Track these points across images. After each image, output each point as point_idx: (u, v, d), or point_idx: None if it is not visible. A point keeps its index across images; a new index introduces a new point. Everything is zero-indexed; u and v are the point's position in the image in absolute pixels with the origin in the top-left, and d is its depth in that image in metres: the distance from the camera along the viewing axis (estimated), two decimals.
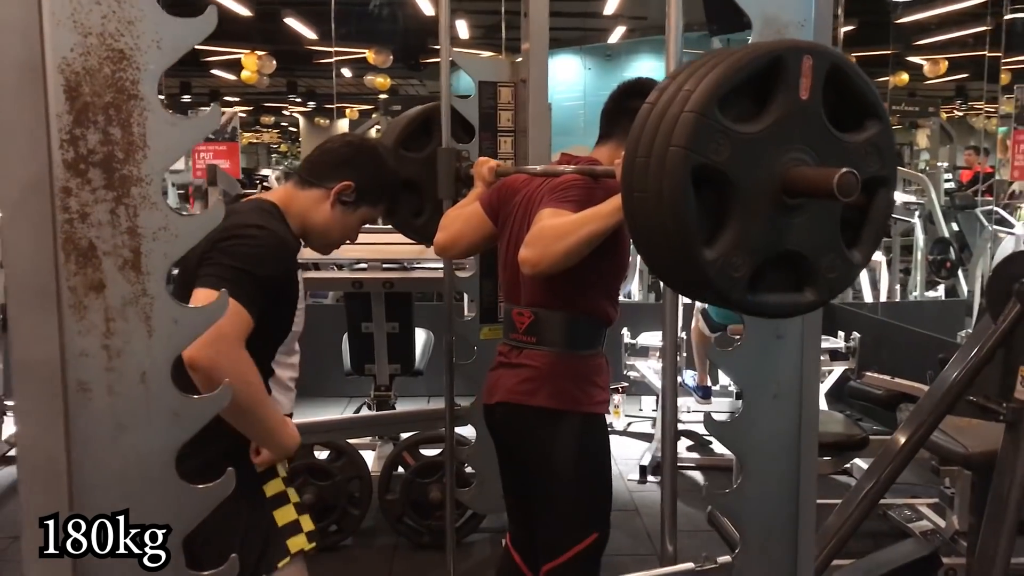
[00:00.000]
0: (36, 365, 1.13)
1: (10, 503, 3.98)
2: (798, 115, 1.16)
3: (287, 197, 1.88)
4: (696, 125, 1.11)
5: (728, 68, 1.13)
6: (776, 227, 1.18)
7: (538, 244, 1.78)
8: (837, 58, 1.19)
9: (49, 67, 1.09)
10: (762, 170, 1.15)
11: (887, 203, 1.26)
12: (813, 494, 1.57)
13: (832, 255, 1.23)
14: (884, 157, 1.23)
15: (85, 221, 1.12)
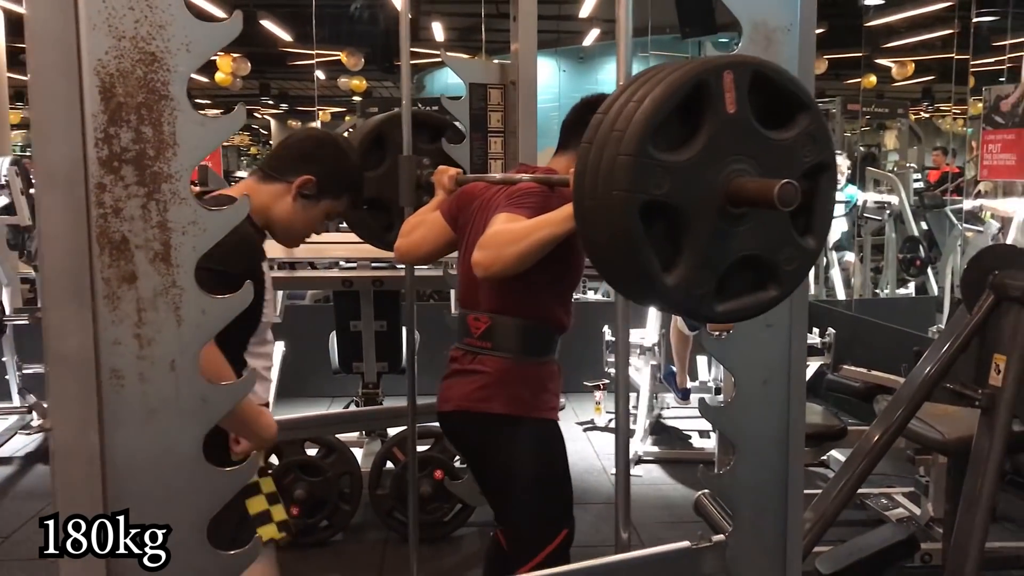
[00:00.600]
0: (71, 354, 1.18)
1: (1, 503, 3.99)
2: (729, 129, 1.20)
3: (249, 191, 1.91)
4: (633, 167, 1.15)
5: (654, 104, 1.16)
6: (729, 237, 1.22)
7: (491, 247, 1.81)
8: (756, 65, 1.23)
9: (85, 69, 1.14)
10: (705, 190, 1.19)
11: (831, 187, 1.31)
12: (801, 474, 1.64)
13: (788, 248, 1.27)
14: (820, 143, 1.27)
15: (118, 216, 1.17)
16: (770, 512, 1.62)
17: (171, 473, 1.22)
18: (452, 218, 2.19)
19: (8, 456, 4.57)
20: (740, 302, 1.27)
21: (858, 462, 2.43)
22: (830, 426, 3.19)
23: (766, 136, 1.23)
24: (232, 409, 1.68)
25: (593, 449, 4.90)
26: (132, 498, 1.21)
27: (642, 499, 4.13)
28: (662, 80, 1.19)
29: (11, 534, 3.58)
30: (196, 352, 1.21)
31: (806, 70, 1.53)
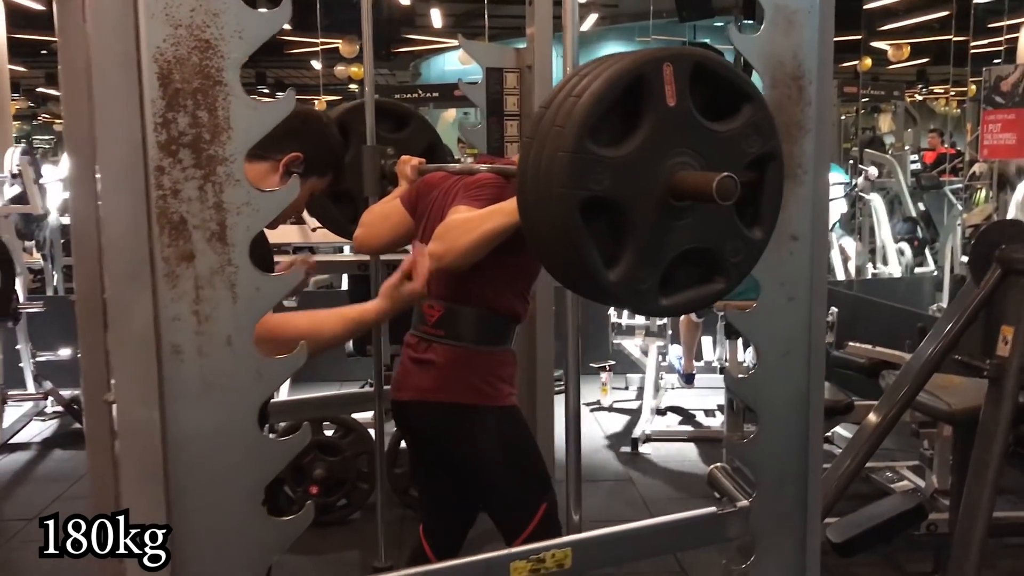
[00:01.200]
0: (133, 330, 1.23)
1: (19, 488, 4.05)
2: (670, 122, 1.21)
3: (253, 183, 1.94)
4: (572, 164, 1.15)
5: (592, 99, 1.17)
6: (673, 231, 1.24)
7: (445, 238, 1.82)
8: (698, 57, 1.24)
9: (144, 57, 1.19)
10: (647, 184, 1.20)
11: (778, 177, 1.32)
12: (820, 443, 1.70)
13: (733, 240, 1.29)
14: (765, 134, 1.28)
15: (177, 197, 1.22)
16: (791, 478, 1.68)
17: (227, 444, 1.27)
18: (411, 207, 2.19)
19: (26, 442, 4.63)
20: (685, 296, 1.29)
21: (867, 435, 2.50)
22: (836, 401, 3.25)
23: (708, 128, 1.24)
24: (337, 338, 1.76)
25: (601, 429, 4.97)
26: (190, 469, 1.26)
27: (651, 476, 4.20)
28: (600, 75, 1.19)
29: (32, 517, 3.64)
30: (251, 328, 1.26)
31: (825, 52, 1.58)
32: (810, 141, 1.60)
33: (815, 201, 1.62)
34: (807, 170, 1.60)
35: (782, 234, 1.60)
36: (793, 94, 1.59)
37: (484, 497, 2.18)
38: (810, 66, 1.58)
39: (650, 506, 3.79)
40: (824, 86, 1.62)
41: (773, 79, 1.56)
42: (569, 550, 1.53)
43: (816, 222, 1.64)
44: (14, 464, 4.32)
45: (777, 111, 1.56)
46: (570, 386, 1.93)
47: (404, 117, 2.79)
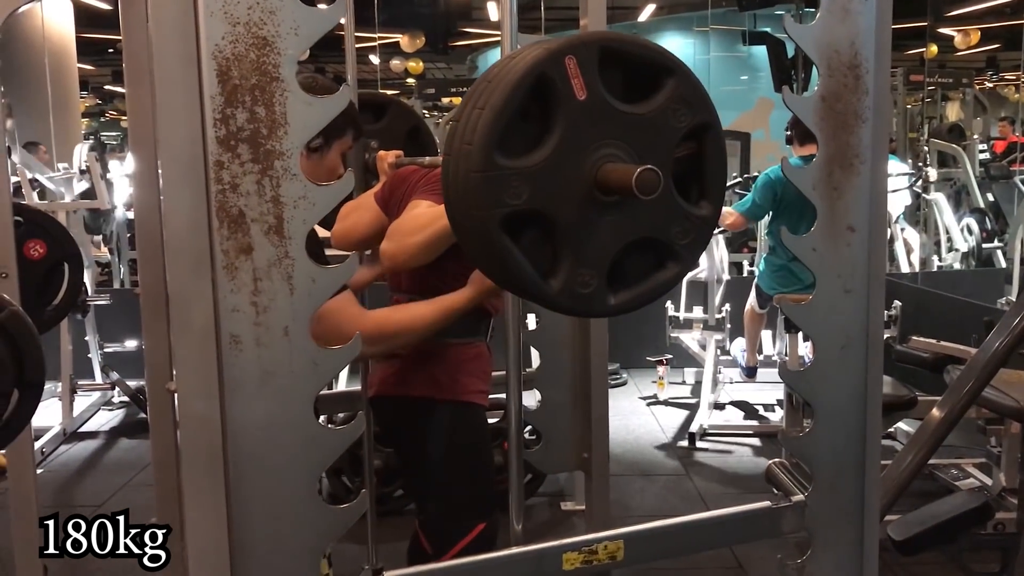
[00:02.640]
0: (194, 321, 1.26)
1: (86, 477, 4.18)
2: (584, 116, 1.14)
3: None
4: (485, 184, 1.11)
5: (493, 112, 1.11)
6: (610, 227, 1.18)
7: (395, 236, 1.79)
8: (603, 41, 1.17)
9: (203, 55, 1.22)
10: (570, 187, 1.14)
11: (717, 146, 1.25)
12: (878, 438, 1.68)
13: (678, 222, 1.23)
14: (693, 104, 1.21)
15: (235, 191, 1.25)
16: (848, 474, 1.66)
17: (284, 433, 1.30)
18: (384, 202, 2.15)
19: (93, 431, 4.77)
20: (635, 290, 1.24)
21: (930, 431, 2.44)
22: (899, 396, 3.19)
23: (629, 112, 1.18)
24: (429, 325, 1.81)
25: (658, 423, 4.95)
26: (249, 457, 1.29)
27: (708, 471, 4.17)
28: (500, 82, 1.13)
29: (102, 504, 3.75)
30: (307, 319, 1.29)
31: (883, 40, 1.56)
32: (867, 131, 1.57)
33: (873, 192, 1.60)
34: (864, 160, 1.58)
35: (838, 225, 1.58)
36: (850, 83, 1.56)
37: (419, 499, 2.12)
38: (867, 54, 1.55)
39: (707, 501, 3.76)
40: (882, 75, 1.59)
41: (829, 68, 1.54)
42: (621, 542, 1.53)
43: (874, 213, 1.61)
44: (82, 452, 4.46)
45: (833, 100, 1.55)
46: (512, 394, 1.86)
47: (381, 106, 2.75)
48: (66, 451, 4.44)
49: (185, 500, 1.31)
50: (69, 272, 2.63)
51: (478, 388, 2.11)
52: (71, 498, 3.91)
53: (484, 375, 2.13)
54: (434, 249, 1.78)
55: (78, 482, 4.09)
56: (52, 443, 4.35)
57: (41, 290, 2.59)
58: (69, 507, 3.81)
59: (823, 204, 1.58)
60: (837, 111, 1.56)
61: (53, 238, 2.56)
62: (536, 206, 1.14)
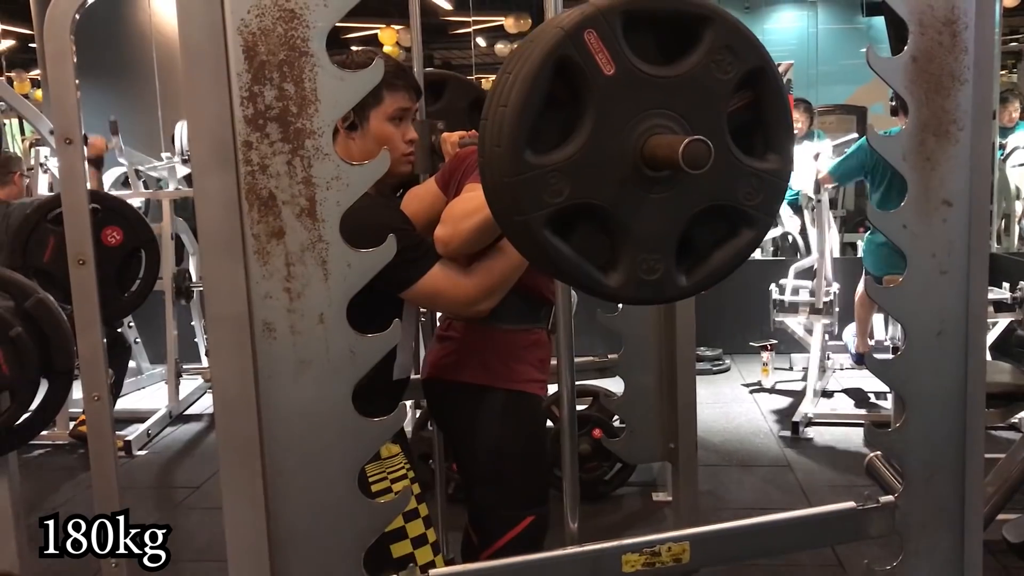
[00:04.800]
0: (227, 308, 1.22)
1: (189, 458, 4.30)
2: (617, 92, 1.04)
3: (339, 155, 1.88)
4: (521, 188, 1.02)
5: (517, 109, 1.01)
6: (668, 203, 1.07)
7: (449, 222, 1.72)
8: (624, 4, 1.04)
9: (229, 29, 1.17)
10: (614, 170, 1.04)
11: (776, 91, 1.12)
12: (981, 434, 1.52)
13: (745, 181, 1.10)
14: (739, 50, 1.08)
15: (265, 172, 1.20)
16: (946, 473, 1.51)
17: (322, 422, 1.25)
18: (444, 185, 2.05)
19: (198, 413, 4.91)
20: (709, 266, 1.13)
21: None
22: (1020, 385, 2.95)
23: (667, 76, 1.06)
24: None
25: (760, 411, 4.76)
26: (286, 448, 1.25)
27: (812, 462, 3.98)
28: (519, 74, 1.02)
29: (201, 484, 3.85)
30: (343, 305, 1.23)
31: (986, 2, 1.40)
32: (966, 94, 1.42)
33: (974, 161, 1.44)
34: (963, 127, 1.43)
35: (933, 199, 1.43)
36: (945, 41, 1.41)
37: (469, 487, 2.05)
38: (966, 8, 1.40)
39: (808, 494, 3.58)
40: (985, 30, 1.43)
41: (921, 24, 1.39)
42: (687, 544, 1.42)
43: (975, 185, 1.46)
44: (187, 434, 4.59)
45: (925, 61, 1.40)
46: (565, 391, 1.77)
47: (440, 84, 2.67)
48: (171, 433, 4.58)
49: (223, 492, 1.27)
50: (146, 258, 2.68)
51: (533, 377, 2.03)
52: (171, 479, 4.03)
53: (541, 364, 2.04)
54: (487, 235, 1.70)
55: (179, 463, 4.20)
56: (158, 425, 4.50)
57: (119, 276, 2.64)
58: (168, 488, 3.94)
59: (915, 176, 1.43)
60: (930, 73, 1.41)
61: (130, 225, 2.61)
62: (581, 199, 1.05)
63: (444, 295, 1.76)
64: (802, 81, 6.78)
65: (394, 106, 1.86)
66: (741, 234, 1.14)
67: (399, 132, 1.89)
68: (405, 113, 1.90)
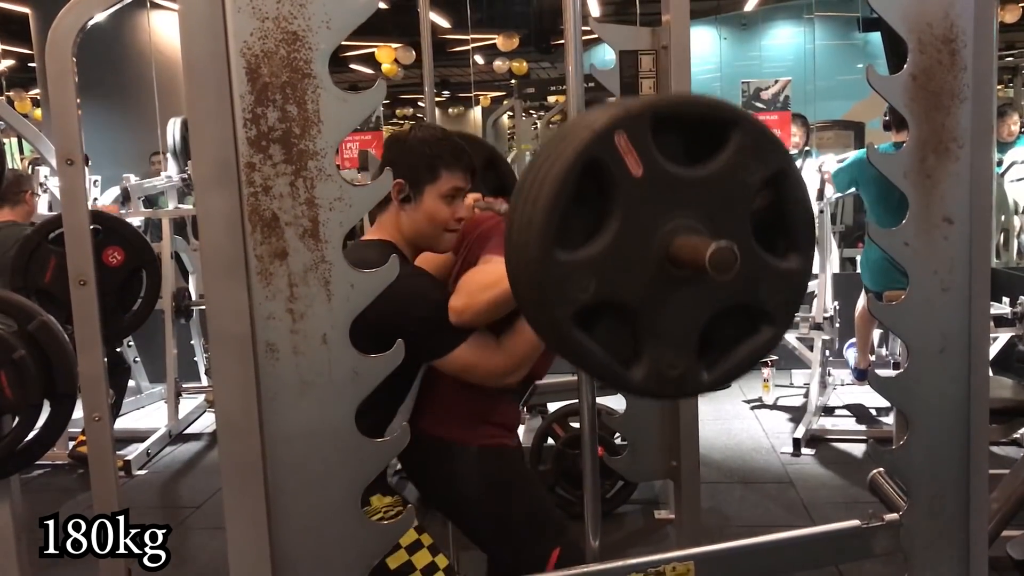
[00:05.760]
0: (229, 329, 1.22)
1: (190, 477, 4.28)
2: (645, 191, 1.05)
3: (380, 229, 1.92)
4: (549, 283, 1.03)
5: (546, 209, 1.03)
6: (691, 301, 1.09)
7: (464, 292, 1.73)
8: (653, 107, 1.07)
9: (232, 52, 1.17)
10: (640, 268, 1.06)
11: (798, 192, 1.14)
12: (985, 450, 1.52)
13: (767, 281, 1.12)
14: (763, 153, 1.10)
15: (268, 194, 1.20)
16: (950, 490, 1.51)
17: (325, 444, 1.25)
18: (456, 247, 2.06)
19: (198, 432, 4.90)
20: (730, 362, 1.14)
21: None
22: (1021, 401, 2.94)
23: (695, 175, 1.08)
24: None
25: (761, 428, 4.75)
26: (288, 469, 1.24)
27: (815, 479, 3.97)
28: (550, 171, 1.04)
29: (201, 504, 3.83)
30: (346, 325, 1.23)
31: (984, 10, 1.41)
32: (965, 111, 1.43)
33: (974, 178, 1.45)
34: (963, 144, 1.43)
35: (933, 216, 1.44)
36: (944, 59, 1.42)
37: (485, 546, 2.05)
38: (964, 26, 1.41)
39: (811, 511, 3.57)
40: (983, 48, 1.44)
41: (920, 43, 1.40)
42: (692, 564, 1.42)
43: (976, 202, 1.46)
44: (187, 453, 4.58)
45: (925, 79, 1.41)
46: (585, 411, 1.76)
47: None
48: (171, 452, 4.56)
49: (226, 512, 1.27)
50: (147, 278, 2.68)
51: (503, 434, 2.02)
52: (172, 499, 4.02)
53: (512, 423, 2.06)
54: (502, 308, 1.70)
55: (180, 482, 4.19)
56: (158, 444, 4.49)
57: (120, 296, 2.64)
58: (169, 507, 3.92)
59: (916, 193, 1.43)
60: (930, 90, 1.42)
61: (131, 245, 2.60)
62: (606, 296, 1.06)
63: (476, 368, 1.79)
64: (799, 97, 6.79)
65: (449, 185, 1.89)
66: (761, 331, 1.15)
67: (451, 210, 1.90)
68: (458, 192, 1.91)
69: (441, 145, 1.90)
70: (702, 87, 10.94)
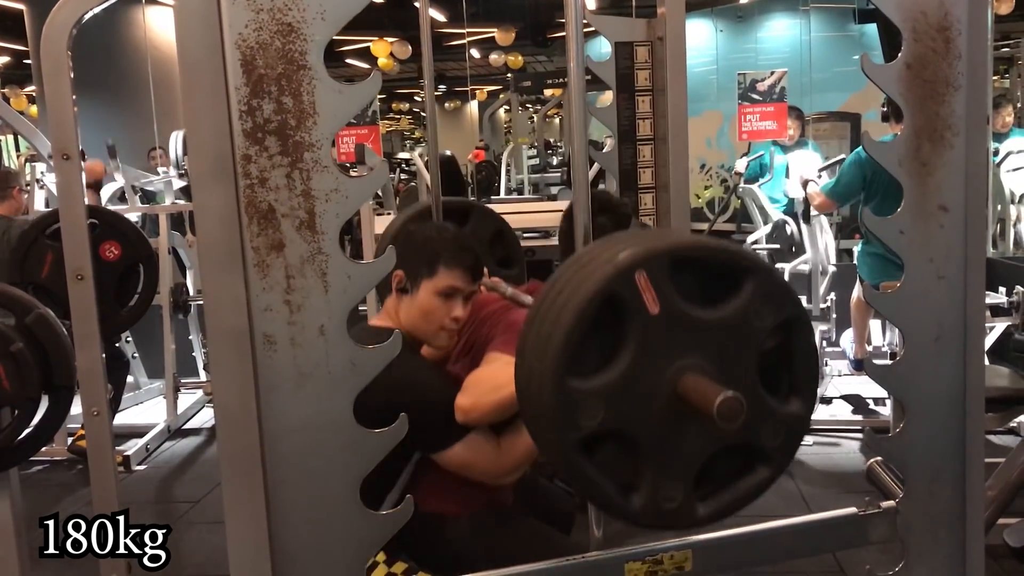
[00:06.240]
0: (227, 321, 1.22)
1: (188, 472, 4.28)
2: (659, 329, 1.08)
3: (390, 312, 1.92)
4: (558, 409, 1.06)
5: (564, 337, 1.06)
6: (693, 437, 1.11)
7: (473, 391, 1.72)
8: (674, 250, 1.11)
9: (227, 44, 1.17)
10: (648, 402, 1.09)
11: (806, 339, 1.17)
12: (981, 438, 1.52)
13: (768, 423, 1.15)
14: (777, 300, 1.13)
15: (264, 186, 1.20)
16: (946, 478, 1.51)
17: (324, 435, 1.25)
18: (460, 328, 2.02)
19: (197, 428, 4.89)
20: (724, 499, 1.18)
21: None
22: (1017, 389, 2.95)
23: (708, 317, 1.11)
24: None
25: None
26: (287, 460, 1.25)
27: (812, 470, 3.97)
28: (569, 301, 1.08)
29: (200, 499, 3.83)
30: (343, 317, 1.23)
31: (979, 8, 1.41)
32: (960, 99, 1.43)
33: (969, 167, 1.45)
34: (958, 132, 1.44)
35: (928, 205, 1.44)
36: (939, 47, 1.42)
37: None
38: (958, 14, 1.41)
39: (809, 501, 3.58)
40: (977, 36, 1.44)
41: (915, 31, 1.41)
42: (689, 552, 1.42)
43: (971, 190, 1.46)
44: (185, 449, 4.58)
45: (920, 67, 1.41)
46: None
47: (463, 212, 2.71)
48: (170, 448, 4.56)
49: (225, 504, 1.27)
50: (144, 272, 2.68)
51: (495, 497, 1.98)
52: (171, 494, 4.02)
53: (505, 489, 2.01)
54: (509, 411, 1.70)
55: (178, 478, 4.19)
56: (156, 440, 4.49)
57: (117, 291, 2.64)
58: (168, 503, 3.92)
59: (910, 182, 1.44)
60: (924, 79, 1.42)
61: (128, 239, 2.60)
62: (612, 426, 1.09)
63: (475, 465, 1.77)
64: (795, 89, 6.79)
65: (446, 282, 1.87)
66: (758, 471, 1.18)
67: (445, 307, 1.87)
68: (456, 292, 1.88)
69: (444, 242, 1.89)
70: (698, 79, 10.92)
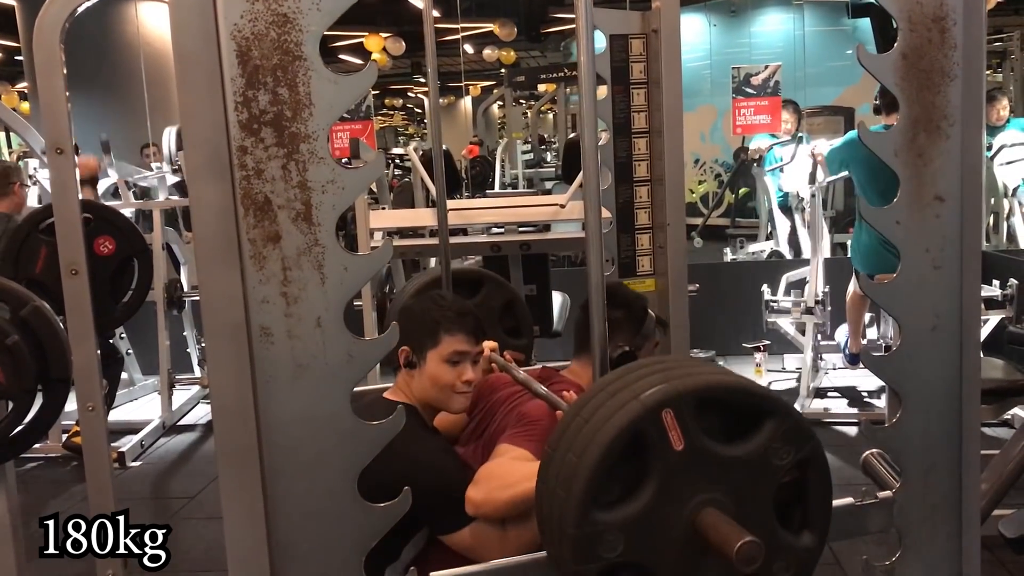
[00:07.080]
0: (224, 314, 1.22)
1: (183, 468, 4.28)
2: (682, 465, 1.11)
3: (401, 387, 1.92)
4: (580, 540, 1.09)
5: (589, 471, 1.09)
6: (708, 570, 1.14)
7: (484, 486, 1.71)
8: (700, 388, 1.14)
9: (222, 35, 1.17)
10: (667, 535, 1.12)
11: (822, 476, 1.21)
12: (977, 427, 1.53)
13: (781, 555, 1.18)
14: (795, 440, 1.17)
15: (260, 177, 1.20)
16: (942, 468, 1.52)
17: (320, 426, 1.25)
18: (470, 407, 2.03)
19: (192, 424, 4.88)
20: None
21: None
22: (1012, 381, 2.96)
23: (729, 454, 1.14)
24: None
25: None
26: (284, 452, 1.24)
27: None
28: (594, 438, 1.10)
29: (196, 494, 3.82)
30: (340, 308, 1.23)
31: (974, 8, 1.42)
32: (956, 89, 1.43)
33: (965, 157, 1.46)
34: (953, 122, 1.44)
35: (925, 195, 1.45)
36: (934, 37, 1.42)
37: None
38: (954, 4, 1.42)
39: None
40: (973, 26, 1.44)
41: (910, 21, 1.41)
42: None
43: (967, 181, 1.47)
44: (180, 445, 4.57)
45: (915, 57, 1.41)
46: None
47: (477, 282, 2.72)
48: (165, 444, 4.55)
49: (222, 497, 1.27)
50: (139, 267, 2.67)
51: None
52: (166, 490, 4.01)
53: None
54: (520, 509, 1.67)
55: (174, 474, 4.18)
56: (151, 436, 4.47)
57: (112, 286, 2.63)
58: (164, 498, 3.91)
59: (907, 172, 1.44)
60: (920, 69, 1.42)
61: (123, 234, 2.59)
62: (631, 558, 1.12)
63: (476, 551, 1.75)
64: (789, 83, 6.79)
65: (450, 349, 1.88)
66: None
67: (455, 373, 1.88)
68: (462, 356, 1.89)
69: (442, 311, 1.90)
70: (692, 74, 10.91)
